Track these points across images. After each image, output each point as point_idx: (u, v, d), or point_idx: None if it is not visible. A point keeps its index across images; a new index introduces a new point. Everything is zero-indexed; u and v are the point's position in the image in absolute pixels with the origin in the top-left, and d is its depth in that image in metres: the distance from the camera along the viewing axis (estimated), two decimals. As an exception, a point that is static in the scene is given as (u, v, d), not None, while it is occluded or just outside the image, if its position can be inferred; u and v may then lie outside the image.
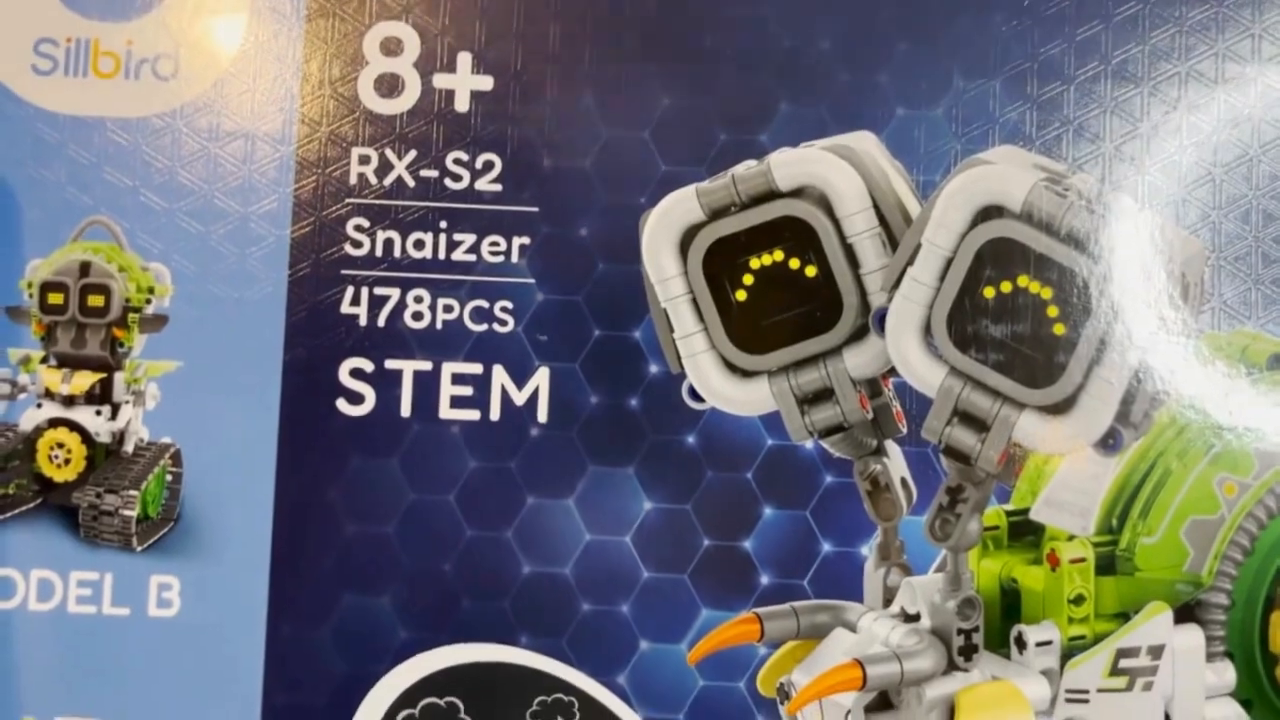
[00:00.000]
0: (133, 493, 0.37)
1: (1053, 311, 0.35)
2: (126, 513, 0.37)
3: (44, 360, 0.38)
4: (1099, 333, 0.35)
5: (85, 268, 0.37)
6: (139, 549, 0.37)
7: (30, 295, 0.38)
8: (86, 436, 0.37)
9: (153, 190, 0.37)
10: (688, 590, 0.37)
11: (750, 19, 0.37)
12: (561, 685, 0.37)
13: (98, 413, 0.37)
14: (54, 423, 0.38)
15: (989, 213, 0.35)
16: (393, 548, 0.37)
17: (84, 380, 0.38)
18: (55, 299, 0.38)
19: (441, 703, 0.37)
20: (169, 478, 0.37)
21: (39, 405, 0.38)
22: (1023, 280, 0.36)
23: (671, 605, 0.37)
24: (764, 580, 0.37)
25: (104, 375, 0.38)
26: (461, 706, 0.37)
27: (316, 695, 0.37)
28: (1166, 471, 0.37)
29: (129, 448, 0.37)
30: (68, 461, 0.38)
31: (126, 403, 0.37)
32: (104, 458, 0.37)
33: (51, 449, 0.38)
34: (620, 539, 0.37)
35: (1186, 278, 0.36)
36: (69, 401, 0.38)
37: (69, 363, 0.38)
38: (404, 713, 0.37)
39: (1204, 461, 0.37)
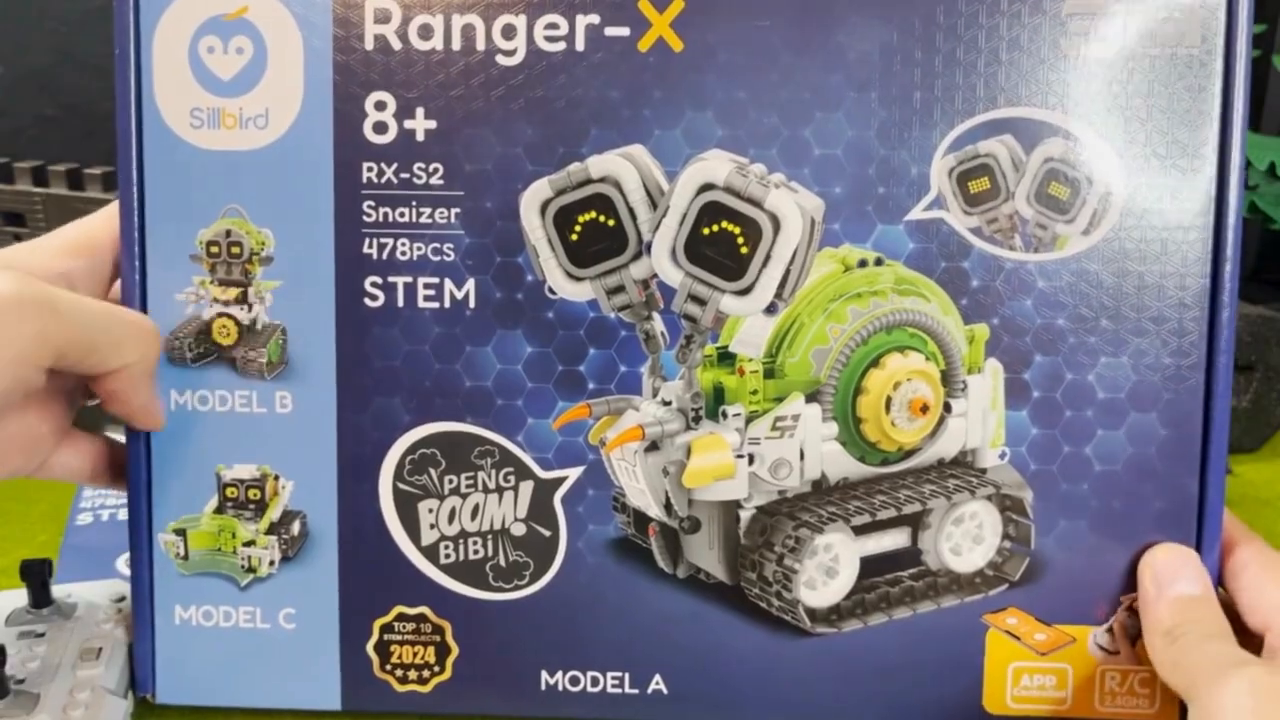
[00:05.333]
0: (262, 349, 0.41)
1: (740, 240, 0.38)
2: (260, 360, 0.41)
3: (212, 282, 0.41)
4: (765, 251, 0.37)
5: (229, 232, 0.40)
6: (268, 378, 0.41)
7: (200, 247, 0.40)
8: (236, 321, 0.41)
9: (258, 187, 0.40)
10: (551, 392, 0.40)
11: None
12: (488, 441, 0.41)
13: (241, 309, 0.40)
14: (220, 314, 0.41)
15: (705, 187, 0.37)
16: (399, 373, 0.40)
17: (232, 292, 0.41)
18: (214, 249, 0.41)
19: (428, 451, 0.41)
20: (281, 340, 0.40)
21: (211, 305, 0.41)
22: (725, 224, 0.38)
23: (542, 399, 0.40)
24: (591, 386, 0.40)
25: (243, 289, 0.40)
26: (439, 453, 0.41)
27: (363, 449, 0.41)
28: (801, 323, 0.39)
29: (259, 327, 0.40)
30: (228, 334, 0.41)
31: (256, 303, 0.40)
32: (246, 332, 0.40)
33: (219, 329, 0.41)
34: (516, 367, 0.40)
35: (815, 221, 0.38)
36: (226, 304, 0.41)
37: (224, 283, 0.41)
38: (410, 456, 0.41)
39: (821, 317, 0.39)
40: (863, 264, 0.40)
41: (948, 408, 0.40)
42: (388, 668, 0.42)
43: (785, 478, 0.40)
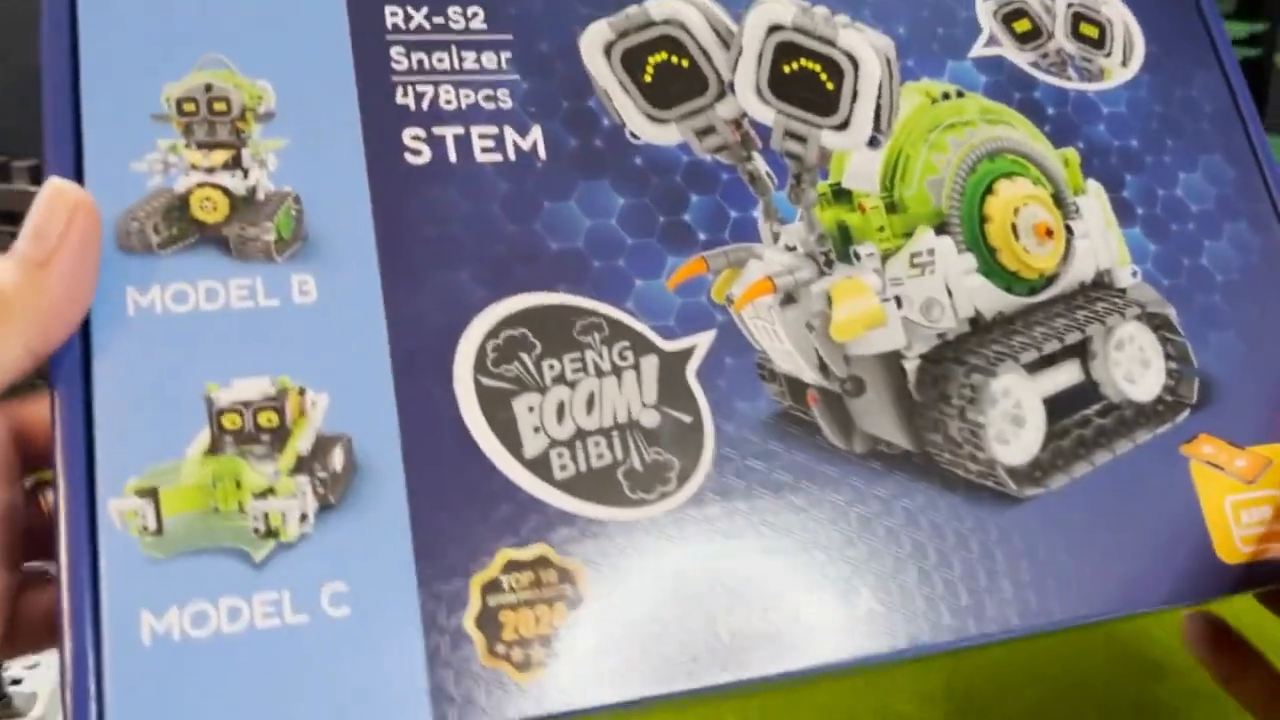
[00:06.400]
0: (267, 223, 0.30)
1: (823, 77, 0.35)
2: (266, 237, 0.29)
3: (187, 146, 0.30)
4: (851, 87, 0.35)
5: (209, 86, 0.30)
6: (280, 259, 0.29)
7: (167, 105, 0.30)
8: (226, 191, 0.29)
9: (245, 33, 0.31)
10: (657, 247, 0.33)
11: None
12: (590, 312, 0.32)
13: (232, 176, 0.30)
14: (201, 184, 0.29)
15: (774, 27, 0.34)
16: (463, 239, 0.31)
17: (219, 155, 0.30)
18: (189, 108, 0.30)
19: (516, 332, 0.30)
20: (294, 211, 0.30)
21: (187, 174, 0.29)
22: (803, 61, 0.35)
23: (648, 256, 0.32)
24: (702, 237, 0.33)
25: (234, 151, 0.30)
26: (530, 333, 0.31)
27: (425, 339, 0.30)
28: (907, 154, 0.36)
29: (260, 197, 0.30)
30: (215, 208, 0.29)
31: (254, 167, 0.30)
32: (242, 204, 0.29)
33: (201, 202, 0.29)
34: (609, 222, 0.32)
35: (889, 59, 0.36)
36: (210, 170, 0.30)
37: (206, 145, 0.30)
38: (492, 341, 0.30)
39: (924, 148, 0.36)
40: (946, 96, 0.37)
41: (1069, 230, 0.37)
42: (500, 649, 0.28)
43: (939, 318, 0.34)
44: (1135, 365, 0.36)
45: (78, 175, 0.29)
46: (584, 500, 0.29)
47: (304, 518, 0.27)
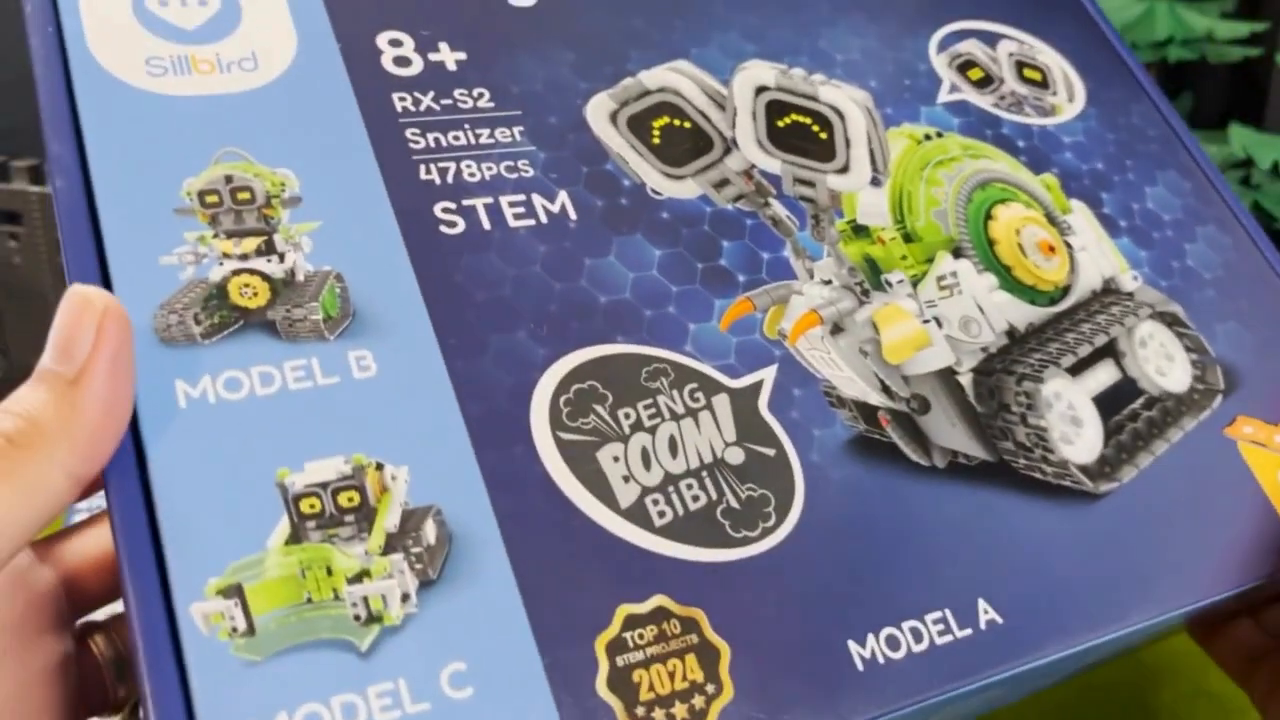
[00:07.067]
0: (314, 304, 0.28)
1: (816, 128, 0.36)
2: (314, 317, 0.28)
3: (216, 236, 0.28)
4: (844, 135, 0.36)
5: (229, 177, 0.29)
6: (332, 338, 0.28)
7: (190, 199, 0.29)
8: (265, 276, 0.28)
9: (260, 127, 0.30)
10: (702, 292, 0.32)
11: None
12: (654, 359, 0.31)
13: (268, 261, 0.28)
14: (238, 272, 0.28)
15: (760, 89, 0.36)
16: (513, 301, 0.30)
17: (251, 242, 0.28)
18: (211, 199, 0.29)
19: (585, 385, 0.29)
20: (338, 289, 0.28)
21: (221, 262, 0.28)
22: (794, 116, 0.37)
23: (695, 302, 0.32)
24: (741, 279, 0.33)
25: (266, 237, 0.28)
26: (600, 385, 0.29)
27: (496, 401, 0.28)
28: (908, 191, 0.37)
29: (300, 278, 0.28)
30: (255, 294, 0.28)
31: (289, 251, 0.28)
32: (283, 287, 0.28)
33: (240, 289, 0.28)
34: (651, 273, 0.32)
35: (869, 108, 0.38)
36: (244, 257, 0.28)
37: (235, 234, 0.28)
38: (564, 397, 0.29)
39: (921, 184, 0.37)
40: (928, 137, 0.39)
41: (1069, 245, 0.38)
42: (640, 712, 0.25)
43: (978, 334, 0.35)
44: (1161, 359, 0.37)
45: (104, 277, 0.27)
46: (689, 544, 0.28)
47: (406, 597, 0.25)
